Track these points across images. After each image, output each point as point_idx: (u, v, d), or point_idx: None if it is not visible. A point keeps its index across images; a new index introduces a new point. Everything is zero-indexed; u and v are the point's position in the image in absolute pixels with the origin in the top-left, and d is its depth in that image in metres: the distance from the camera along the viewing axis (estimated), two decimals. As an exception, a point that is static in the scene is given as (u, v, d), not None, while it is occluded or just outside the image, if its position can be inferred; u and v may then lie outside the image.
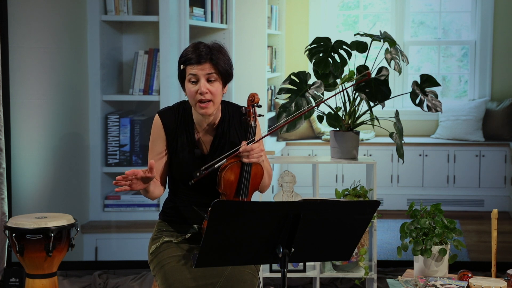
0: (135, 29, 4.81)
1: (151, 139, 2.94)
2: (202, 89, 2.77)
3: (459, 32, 5.04)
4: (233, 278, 2.78)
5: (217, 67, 2.79)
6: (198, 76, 2.78)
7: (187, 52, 2.81)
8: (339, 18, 5.10)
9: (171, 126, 2.91)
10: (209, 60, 2.78)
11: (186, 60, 2.80)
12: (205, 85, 2.78)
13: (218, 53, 2.82)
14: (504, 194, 4.92)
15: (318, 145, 4.99)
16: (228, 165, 2.80)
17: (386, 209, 4.88)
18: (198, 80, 2.79)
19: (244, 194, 2.82)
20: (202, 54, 2.78)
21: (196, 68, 2.78)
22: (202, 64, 2.78)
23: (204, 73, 2.78)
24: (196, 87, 2.79)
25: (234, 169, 2.81)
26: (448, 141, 4.99)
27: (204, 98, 2.78)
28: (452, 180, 4.95)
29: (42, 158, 4.69)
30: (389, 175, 5.00)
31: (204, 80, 2.79)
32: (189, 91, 2.81)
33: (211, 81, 2.80)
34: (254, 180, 2.86)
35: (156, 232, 3.02)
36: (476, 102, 4.96)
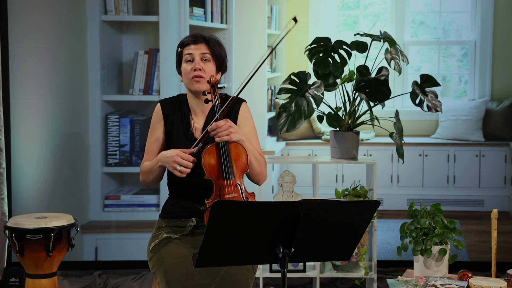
0: (135, 29, 4.81)
1: (151, 125, 3.10)
2: (196, 66, 2.98)
3: (459, 32, 5.04)
4: (228, 278, 2.80)
5: (211, 48, 3.01)
6: (194, 55, 3.00)
7: (185, 38, 3.07)
8: (339, 18, 5.10)
9: (170, 113, 3.07)
10: (205, 42, 3.02)
11: (183, 43, 3.04)
12: (199, 63, 2.99)
13: (214, 40, 3.05)
14: (504, 194, 4.92)
15: (318, 145, 4.99)
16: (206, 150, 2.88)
17: (386, 209, 4.89)
18: (193, 59, 2.99)
19: (228, 175, 2.87)
20: (198, 36, 3.03)
21: (192, 48, 3.00)
22: (198, 44, 3.01)
23: (199, 52, 3.00)
24: (191, 65, 2.99)
25: (211, 153, 2.89)
26: (448, 141, 4.99)
27: (198, 74, 2.97)
28: (452, 180, 4.95)
29: (42, 158, 4.69)
30: (389, 175, 5.00)
31: (198, 58, 2.99)
32: (185, 70, 3.01)
33: (205, 61, 3.00)
34: (238, 160, 2.91)
35: (155, 230, 3.05)
36: (476, 102, 4.96)
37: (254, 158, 2.96)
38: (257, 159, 2.97)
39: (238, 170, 2.91)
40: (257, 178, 3.03)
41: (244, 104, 3.10)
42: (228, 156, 2.88)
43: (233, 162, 2.90)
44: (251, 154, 2.94)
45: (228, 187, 2.88)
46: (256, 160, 2.97)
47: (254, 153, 2.96)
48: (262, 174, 3.02)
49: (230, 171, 2.88)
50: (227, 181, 2.87)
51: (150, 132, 3.10)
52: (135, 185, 4.81)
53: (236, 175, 2.90)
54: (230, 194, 2.88)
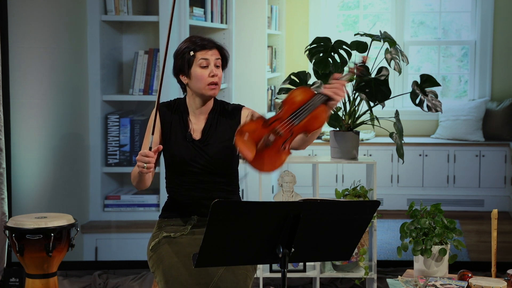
0: (135, 29, 4.81)
1: (148, 126, 3.06)
2: (214, 72, 2.95)
3: (459, 32, 5.04)
4: (227, 277, 2.80)
5: (222, 54, 3.01)
6: (209, 61, 2.97)
7: (196, 40, 2.99)
8: (339, 18, 5.10)
9: (167, 116, 3.05)
10: (216, 47, 3.00)
11: (196, 47, 2.97)
12: (215, 69, 2.97)
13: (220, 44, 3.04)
14: (504, 194, 4.92)
15: (318, 145, 4.99)
16: (302, 88, 2.78)
17: (386, 209, 4.88)
18: (208, 65, 2.97)
19: (295, 118, 2.68)
20: (211, 41, 3.01)
21: (208, 53, 2.97)
22: (212, 50, 2.98)
23: (214, 58, 2.98)
24: (208, 71, 2.96)
25: (304, 94, 2.73)
26: (448, 141, 4.99)
27: (214, 81, 2.96)
28: (452, 180, 4.95)
29: (42, 158, 4.69)
30: (389, 175, 5.00)
31: (213, 64, 2.97)
32: (201, 75, 2.96)
33: (217, 67, 2.99)
34: (312, 119, 2.71)
35: (156, 229, 3.05)
36: (476, 102, 4.96)
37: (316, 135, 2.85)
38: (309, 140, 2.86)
39: (305, 124, 2.72)
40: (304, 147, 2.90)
41: (244, 109, 3.08)
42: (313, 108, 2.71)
43: (309, 116, 2.71)
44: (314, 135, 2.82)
45: (286, 123, 2.69)
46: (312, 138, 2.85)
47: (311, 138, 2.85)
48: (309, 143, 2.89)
49: (301, 117, 2.70)
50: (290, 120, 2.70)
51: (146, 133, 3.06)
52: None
53: (300, 125, 2.71)
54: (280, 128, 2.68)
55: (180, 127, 3.03)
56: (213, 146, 2.95)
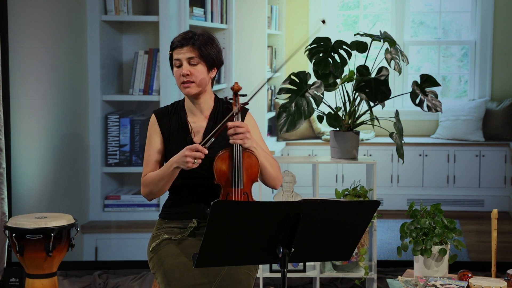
0: (135, 29, 4.81)
1: (148, 136, 3.06)
2: (183, 71, 2.93)
3: (459, 32, 5.04)
4: (230, 277, 2.80)
5: (198, 50, 2.93)
6: (181, 60, 2.95)
7: (176, 37, 3.00)
8: (339, 18, 5.10)
9: (166, 122, 3.03)
10: (191, 44, 2.94)
11: (172, 45, 2.99)
12: (186, 67, 2.94)
13: (202, 37, 2.96)
14: (504, 194, 4.92)
15: (318, 145, 4.99)
16: (219, 156, 2.87)
17: (386, 209, 4.88)
18: (181, 64, 2.95)
19: (237, 184, 2.87)
20: (186, 38, 2.95)
21: (179, 52, 2.95)
22: (184, 48, 2.94)
23: (186, 57, 2.94)
24: (180, 71, 2.95)
25: (224, 159, 2.89)
26: (448, 141, 4.99)
27: (186, 80, 2.94)
28: (452, 180, 4.95)
29: (42, 158, 4.69)
30: (389, 175, 5.00)
31: (186, 63, 2.94)
32: (175, 75, 2.98)
33: (193, 64, 2.94)
34: (249, 170, 2.90)
35: (156, 230, 3.05)
36: (476, 102, 4.97)
37: (268, 163, 2.95)
38: (271, 163, 2.97)
39: (248, 179, 2.91)
40: (273, 182, 3.01)
41: (249, 114, 3.09)
42: (240, 164, 2.88)
43: (244, 171, 2.89)
44: (265, 160, 2.93)
45: (236, 194, 2.88)
46: (271, 164, 2.96)
47: (267, 158, 2.95)
48: (277, 178, 3.01)
49: (240, 180, 2.88)
50: (235, 189, 2.88)
51: (147, 143, 3.04)
52: (135, 185, 4.81)
53: (245, 184, 2.90)
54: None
55: (180, 131, 3.00)
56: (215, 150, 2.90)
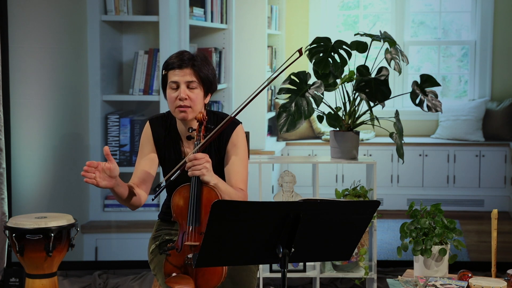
0: (135, 29, 4.81)
1: (140, 143, 2.97)
2: (181, 95, 2.77)
3: (459, 32, 5.04)
4: (232, 279, 2.79)
5: (198, 73, 2.78)
6: (179, 83, 2.78)
7: (171, 58, 2.82)
8: (339, 18, 5.10)
9: (160, 137, 2.93)
10: (191, 66, 2.78)
11: (168, 65, 2.81)
12: (184, 91, 2.78)
13: (202, 61, 2.81)
14: (504, 194, 4.92)
15: (318, 145, 4.99)
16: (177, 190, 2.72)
17: (386, 209, 4.89)
18: (178, 87, 2.78)
19: (193, 221, 2.65)
20: (185, 59, 2.78)
21: (177, 74, 2.77)
22: (183, 69, 2.78)
23: (185, 80, 2.78)
24: (176, 93, 2.78)
25: (182, 193, 2.72)
26: (448, 141, 4.99)
27: (182, 104, 2.78)
28: (452, 180, 4.95)
29: (42, 158, 4.69)
30: (389, 175, 5.00)
31: (184, 86, 2.78)
32: (169, 97, 2.81)
33: (191, 88, 2.79)
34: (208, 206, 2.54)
35: (155, 231, 3.04)
36: (476, 102, 4.97)
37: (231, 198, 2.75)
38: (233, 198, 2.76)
39: (206, 217, 2.64)
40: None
41: (237, 129, 2.90)
42: (198, 199, 2.68)
43: (203, 207, 2.69)
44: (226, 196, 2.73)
45: (191, 234, 2.67)
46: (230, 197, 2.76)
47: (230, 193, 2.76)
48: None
49: (196, 217, 2.67)
50: (191, 227, 2.67)
51: (139, 150, 2.95)
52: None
53: (203, 222, 2.67)
54: (190, 242, 2.66)
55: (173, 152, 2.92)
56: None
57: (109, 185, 2.67)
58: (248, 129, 3.97)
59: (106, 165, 2.65)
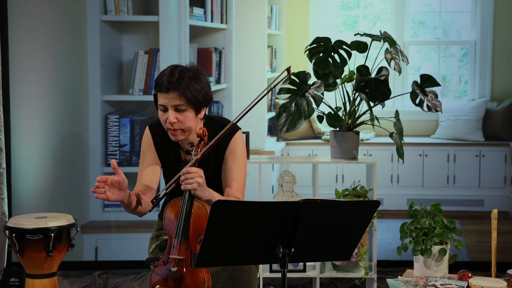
0: (135, 29, 4.81)
1: (141, 150, 2.96)
2: (170, 119, 2.75)
3: (459, 32, 5.04)
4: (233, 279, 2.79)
5: (185, 96, 2.73)
6: (167, 107, 2.75)
7: (161, 76, 2.78)
8: (339, 18, 5.10)
9: (161, 143, 2.93)
10: (177, 89, 2.72)
11: (156, 85, 2.77)
12: (173, 115, 2.75)
13: (190, 79, 2.75)
14: (504, 194, 4.92)
15: (318, 145, 4.99)
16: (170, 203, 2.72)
17: (386, 209, 4.88)
18: (167, 110, 2.77)
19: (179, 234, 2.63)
20: (173, 81, 2.73)
21: (164, 98, 2.74)
22: (170, 93, 2.73)
23: (171, 104, 2.74)
24: (165, 116, 2.77)
25: (174, 206, 2.72)
26: (448, 141, 4.99)
27: (172, 128, 2.77)
28: (452, 180, 4.95)
29: (42, 158, 4.69)
30: (389, 175, 5.00)
31: (172, 110, 2.75)
32: (160, 118, 2.80)
33: (180, 111, 2.76)
34: (196, 222, 2.66)
35: (155, 231, 3.04)
36: (476, 102, 4.97)
37: None
38: None
39: (193, 233, 2.66)
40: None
41: (236, 136, 2.89)
42: (188, 214, 2.66)
43: (191, 223, 2.67)
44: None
45: (178, 247, 2.65)
46: None
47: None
48: None
49: (184, 231, 2.65)
50: (177, 241, 2.65)
51: (141, 158, 2.95)
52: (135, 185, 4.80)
53: (191, 237, 2.66)
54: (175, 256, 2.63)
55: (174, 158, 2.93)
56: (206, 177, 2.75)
57: (119, 198, 2.67)
58: (248, 129, 3.97)
59: (114, 179, 2.65)
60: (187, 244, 2.65)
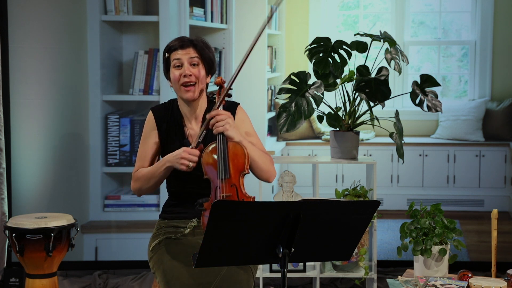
0: (135, 29, 4.81)
1: (144, 131, 3.05)
2: (186, 72, 2.89)
3: (459, 32, 5.04)
4: (229, 277, 2.80)
5: (200, 52, 2.92)
6: (182, 60, 2.91)
7: (171, 42, 2.96)
8: (339, 18, 5.10)
9: (163, 121, 3.01)
10: (192, 45, 2.92)
11: (170, 48, 2.94)
12: (189, 68, 2.90)
13: (201, 42, 2.96)
14: (504, 194, 4.92)
15: (318, 145, 4.99)
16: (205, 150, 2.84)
17: (386, 209, 4.89)
18: (182, 65, 2.91)
19: (223, 173, 2.79)
20: (185, 40, 2.93)
21: (180, 53, 2.91)
22: (185, 49, 2.91)
23: (188, 57, 2.91)
24: (181, 71, 2.91)
25: (211, 152, 2.84)
26: (448, 141, 4.99)
27: (188, 81, 2.90)
28: (452, 180, 4.95)
29: (42, 158, 4.69)
30: (389, 175, 5.00)
31: (187, 63, 2.91)
32: (174, 76, 2.92)
33: (194, 65, 2.92)
34: (235, 160, 2.82)
35: (156, 230, 3.05)
36: (476, 102, 4.97)
37: (257, 156, 2.88)
38: (260, 156, 2.90)
39: (235, 169, 2.82)
40: (265, 175, 2.94)
41: (239, 107, 3.04)
42: (225, 153, 2.81)
43: (230, 161, 2.82)
44: (254, 152, 2.87)
45: (223, 186, 2.80)
46: (260, 157, 2.90)
47: (256, 151, 2.89)
48: (269, 171, 2.94)
49: (225, 169, 2.80)
50: (222, 180, 2.80)
51: (142, 139, 3.04)
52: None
53: (233, 174, 2.81)
54: (224, 193, 2.79)
55: (176, 134, 3.00)
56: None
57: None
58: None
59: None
60: (231, 182, 2.80)
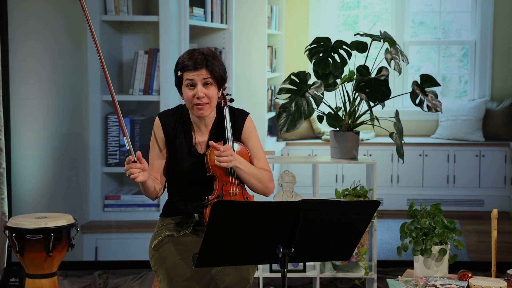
0: (135, 29, 4.81)
1: (151, 140, 3.06)
2: (199, 94, 2.92)
3: (459, 32, 5.04)
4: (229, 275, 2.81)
5: (212, 72, 2.93)
6: (195, 81, 2.93)
7: (184, 59, 2.96)
8: (339, 18, 5.10)
9: (170, 128, 3.03)
10: (205, 66, 2.93)
11: (183, 67, 2.95)
12: (202, 90, 2.93)
13: (213, 59, 2.96)
14: (504, 194, 4.92)
15: (318, 145, 4.99)
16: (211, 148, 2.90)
17: (386, 209, 4.89)
18: (195, 85, 2.93)
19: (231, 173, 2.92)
20: (198, 61, 2.93)
21: (193, 74, 2.93)
22: (199, 70, 2.93)
23: (201, 78, 2.92)
24: (194, 92, 2.93)
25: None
26: (448, 141, 4.99)
27: (201, 102, 2.93)
28: (452, 180, 4.95)
29: (42, 158, 4.69)
30: (389, 175, 5.00)
31: (200, 84, 2.93)
32: (187, 96, 2.95)
33: (207, 85, 2.94)
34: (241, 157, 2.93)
35: (157, 228, 3.06)
36: (476, 102, 4.97)
37: (254, 178, 2.94)
38: (257, 178, 2.95)
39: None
40: (262, 193, 3.02)
41: (249, 118, 3.08)
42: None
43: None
44: (251, 176, 2.93)
45: (232, 183, 2.91)
46: (257, 179, 2.95)
47: (254, 174, 2.95)
48: (267, 189, 3.01)
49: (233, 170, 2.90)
50: (232, 177, 2.91)
51: (150, 147, 3.06)
52: (135, 185, 4.81)
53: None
54: (233, 190, 2.90)
55: (185, 140, 3.02)
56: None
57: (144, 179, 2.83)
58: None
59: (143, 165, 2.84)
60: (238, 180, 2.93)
